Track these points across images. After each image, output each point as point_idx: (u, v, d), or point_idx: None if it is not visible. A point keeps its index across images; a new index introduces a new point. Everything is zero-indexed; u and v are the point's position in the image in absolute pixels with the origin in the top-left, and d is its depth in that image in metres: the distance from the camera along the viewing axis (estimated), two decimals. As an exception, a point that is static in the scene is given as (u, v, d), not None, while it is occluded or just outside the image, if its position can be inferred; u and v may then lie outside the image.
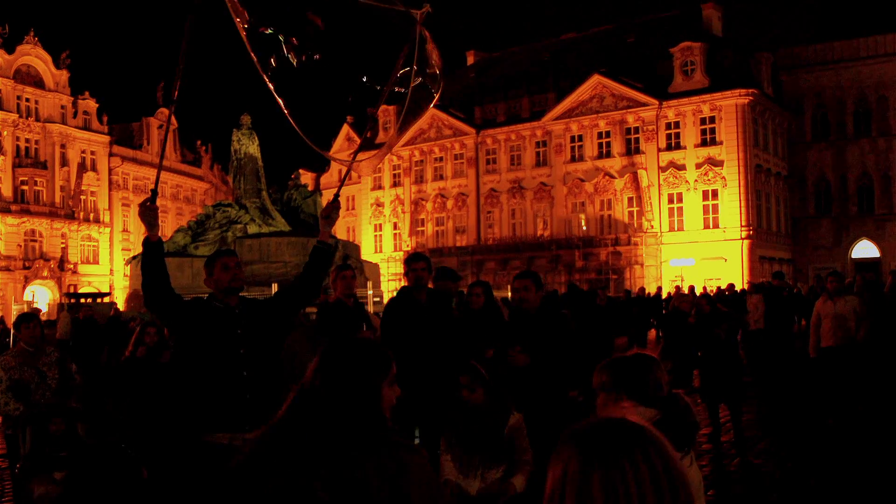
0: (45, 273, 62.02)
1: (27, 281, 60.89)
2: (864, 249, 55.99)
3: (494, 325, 8.35)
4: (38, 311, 26.31)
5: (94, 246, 67.54)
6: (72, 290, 58.11)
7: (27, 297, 57.52)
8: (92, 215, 67.24)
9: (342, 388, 2.61)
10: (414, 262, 7.88)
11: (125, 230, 70.89)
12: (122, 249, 67.82)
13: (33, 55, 63.30)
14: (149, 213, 5.29)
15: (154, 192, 5.28)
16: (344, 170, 71.09)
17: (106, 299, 44.79)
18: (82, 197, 66.07)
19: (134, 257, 36.62)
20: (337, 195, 5.73)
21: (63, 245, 63.96)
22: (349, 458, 2.47)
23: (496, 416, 5.58)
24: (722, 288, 31.60)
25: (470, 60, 72.62)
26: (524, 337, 6.78)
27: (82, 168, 66.05)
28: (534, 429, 5.73)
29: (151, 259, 5.26)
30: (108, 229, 68.65)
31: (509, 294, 29.99)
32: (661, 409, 3.56)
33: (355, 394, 2.61)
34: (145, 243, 5.32)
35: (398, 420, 4.62)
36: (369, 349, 2.79)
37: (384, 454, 2.49)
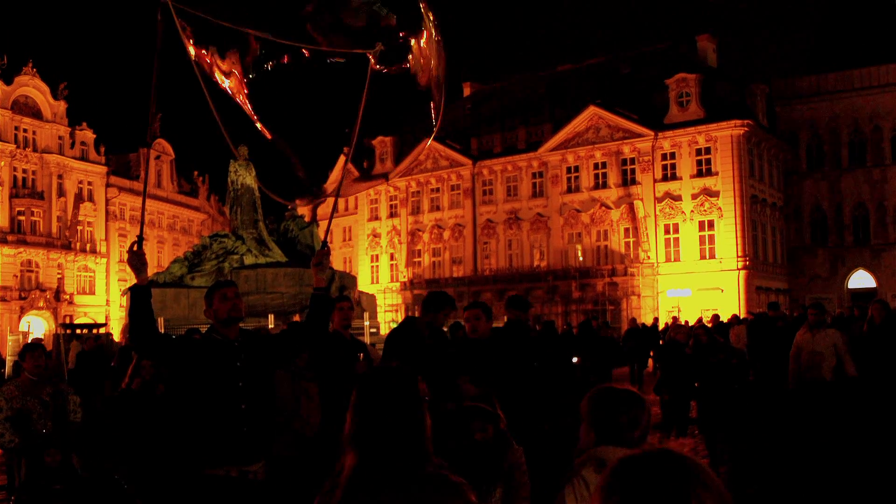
0: (41, 303, 61.90)
1: (23, 311, 60.75)
2: (861, 280, 56.03)
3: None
4: (40, 340, 26.27)
5: (90, 276, 67.45)
6: (68, 320, 57.94)
7: (23, 327, 57.29)
8: (88, 246, 67.20)
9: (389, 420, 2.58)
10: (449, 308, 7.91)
11: (122, 261, 70.71)
12: (119, 280, 67.74)
13: (31, 86, 63.48)
14: (136, 258, 5.33)
15: (140, 238, 5.33)
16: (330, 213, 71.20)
17: (102, 330, 44.68)
18: (79, 227, 66.05)
19: (130, 288, 36.60)
20: (325, 242, 5.81)
21: (59, 275, 63.87)
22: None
23: (498, 450, 5.57)
24: (704, 321, 31.51)
25: (466, 92, 72.88)
26: (474, 366, 6.77)
27: (79, 198, 66.08)
28: None
29: (139, 304, 5.27)
30: (104, 260, 68.58)
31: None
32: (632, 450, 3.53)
33: (400, 425, 2.59)
34: (133, 289, 5.35)
35: None
36: (405, 375, 2.79)
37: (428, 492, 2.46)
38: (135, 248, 5.35)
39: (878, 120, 56.10)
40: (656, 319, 41.42)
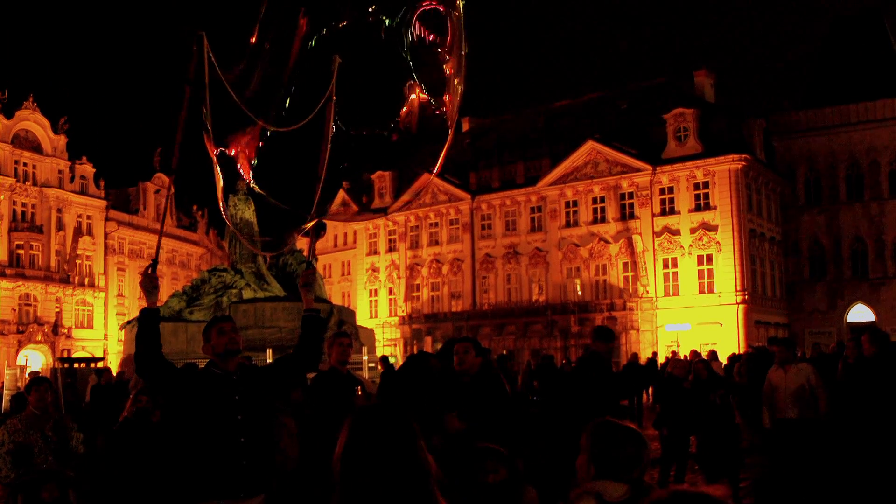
0: (39, 337, 61.78)
1: (20, 345, 60.61)
2: (860, 314, 55.99)
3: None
4: (37, 373, 26.18)
5: (88, 310, 67.36)
6: (65, 354, 57.80)
7: (20, 361, 57.11)
8: (87, 280, 67.16)
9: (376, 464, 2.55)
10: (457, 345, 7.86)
11: (120, 294, 70.79)
12: (117, 314, 67.68)
13: (32, 120, 63.69)
14: (149, 281, 5.38)
15: (155, 261, 5.37)
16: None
17: (99, 364, 44.52)
18: (77, 261, 66.02)
19: (128, 322, 36.46)
20: (309, 261, 5.84)
21: (57, 309, 63.77)
22: None
23: (512, 492, 5.53)
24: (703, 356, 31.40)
25: (465, 127, 73.14)
26: (461, 402, 6.75)
27: (78, 232, 66.10)
28: None
29: (147, 327, 5.30)
30: (102, 294, 68.53)
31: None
32: (632, 488, 3.53)
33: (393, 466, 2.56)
34: (143, 311, 5.38)
35: None
36: (397, 413, 2.74)
37: None
38: (149, 271, 5.39)
39: (875, 154, 56.31)
40: (655, 354, 41.38)
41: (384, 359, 21.00)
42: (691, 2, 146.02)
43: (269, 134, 5.61)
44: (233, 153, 5.62)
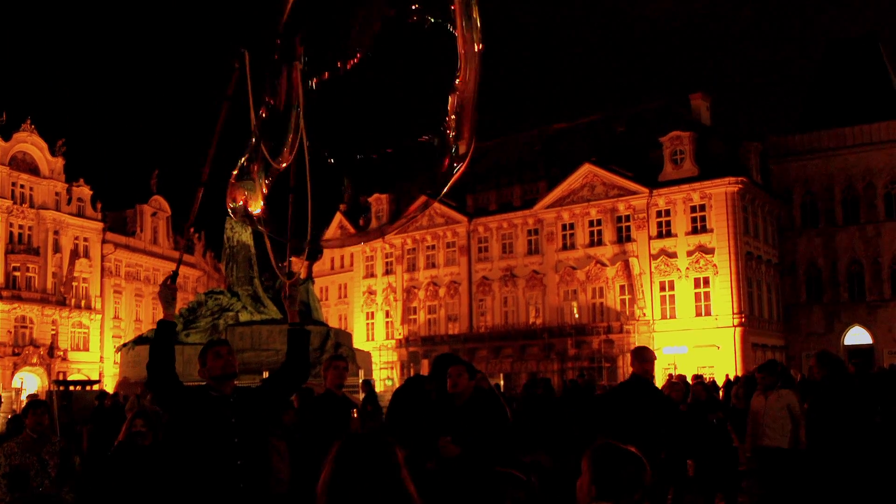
0: (35, 360, 61.62)
1: (16, 367, 60.44)
2: (857, 336, 55.98)
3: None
4: (35, 396, 26.07)
5: (84, 333, 67.23)
6: (61, 377, 57.60)
7: (16, 383, 56.92)
8: (83, 302, 67.08)
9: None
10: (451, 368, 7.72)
11: (116, 317, 70.68)
12: (113, 336, 67.55)
13: (29, 143, 63.76)
14: (168, 291, 5.40)
15: (175, 273, 5.39)
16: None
17: (95, 387, 44.39)
18: (74, 283, 65.93)
19: (124, 345, 36.41)
20: (290, 272, 5.79)
21: (53, 332, 63.65)
22: None
23: None
24: (702, 377, 31.33)
25: (461, 150, 73.30)
26: (455, 426, 6.72)
27: (75, 255, 66.04)
28: None
29: (163, 339, 5.32)
30: (98, 316, 68.42)
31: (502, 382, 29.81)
32: None
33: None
34: (160, 323, 5.42)
35: None
36: (381, 442, 2.73)
37: None
38: (168, 282, 5.41)
39: (870, 177, 56.44)
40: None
41: (366, 383, 20.87)
42: (687, 26, 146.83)
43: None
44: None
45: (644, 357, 8.88)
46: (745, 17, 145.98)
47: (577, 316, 56.38)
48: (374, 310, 68.61)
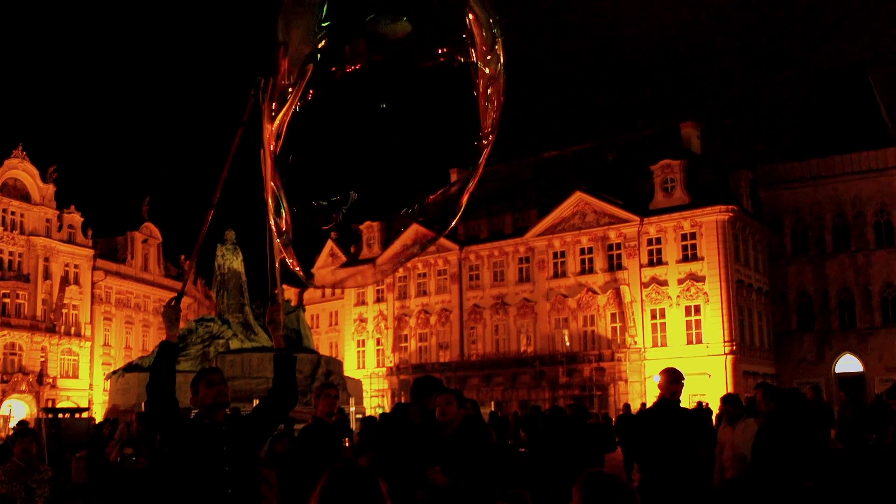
0: (24, 387, 61.25)
1: (4, 395, 60.07)
2: (848, 364, 56.01)
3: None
4: (26, 423, 25.92)
5: (74, 360, 66.90)
6: (50, 404, 57.24)
7: (4, 411, 56.62)
8: (73, 329, 66.78)
9: None
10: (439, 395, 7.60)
11: (106, 344, 70.36)
12: (103, 364, 67.21)
13: (21, 169, 63.67)
14: (172, 312, 5.41)
15: (181, 293, 5.41)
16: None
17: (84, 414, 44.13)
18: (64, 310, 65.67)
19: (114, 372, 36.33)
20: (273, 296, 5.77)
21: (43, 359, 63.33)
22: None
23: None
24: (701, 405, 31.40)
25: (453, 178, 73.39)
26: (444, 455, 6.69)
27: (65, 281, 65.83)
28: None
29: (165, 360, 5.33)
30: (88, 343, 68.12)
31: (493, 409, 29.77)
32: None
33: None
34: (162, 344, 5.43)
35: None
36: (365, 477, 2.74)
37: None
38: (172, 303, 5.43)
39: (860, 206, 56.67)
40: (643, 405, 41.23)
41: (339, 410, 20.69)
42: (678, 54, 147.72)
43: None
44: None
45: (674, 378, 8.67)
46: (736, 47, 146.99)
47: (568, 344, 56.32)
48: (364, 337, 68.44)
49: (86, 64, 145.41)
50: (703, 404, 34.71)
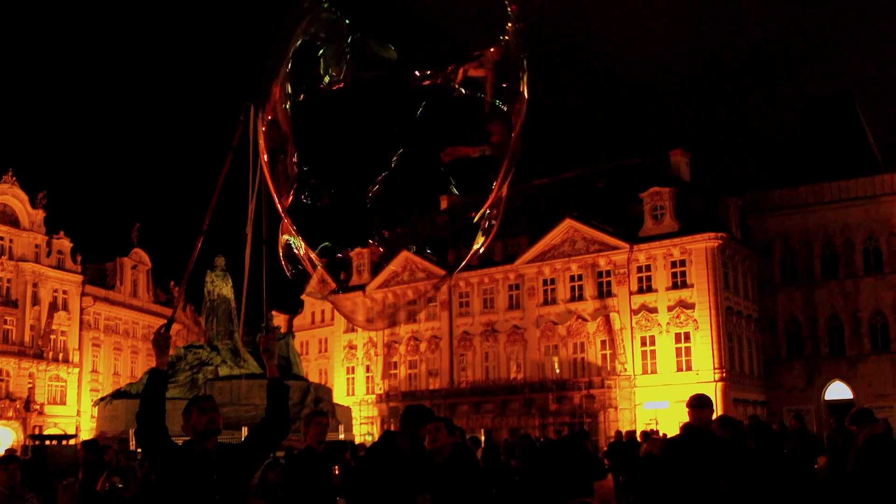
0: (10, 413, 60.81)
1: (-9, 422, 59.67)
2: (838, 391, 56.05)
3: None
4: (13, 451, 25.71)
5: (61, 386, 66.49)
6: (37, 431, 56.89)
7: (-10, 438, 56.25)
8: (61, 355, 66.41)
9: None
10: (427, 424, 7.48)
11: (94, 370, 69.96)
12: (91, 390, 66.82)
13: (10, 195, 63.53)
14: (162, 339, 5.36)
15: (171, 320, 5.39)
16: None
17: (71, 441, 43.84)
18: (52, 336, 65.35)
19: (102, 399, 36.10)
20: (268, 325, 5.76)
21: (30, 385, 62.94)
22: None
23: None
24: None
25: (443, 205, 73.51)
26: (433, 484, 6.64)
27: (53, 307, 65.57)
28: None
29: (155, 389, 5.27)
30: (76, 370, 67.74)
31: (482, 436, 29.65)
32: None
33: None
34: (152, 372, 5.36)
35: None
36: None
37: None
38: (162, 330, 5.37)
39: (848, 233, 56.90)
40: (633, 432, 41.10)
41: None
42: (667, 83, 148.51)
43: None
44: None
45: (699, 403, 8.33)
46: (725, 75, 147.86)
47: (558, 371, 56.23)
48: (354, 364, 68.25)
49: (76, 89, 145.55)
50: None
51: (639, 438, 33.73)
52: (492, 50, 5.06)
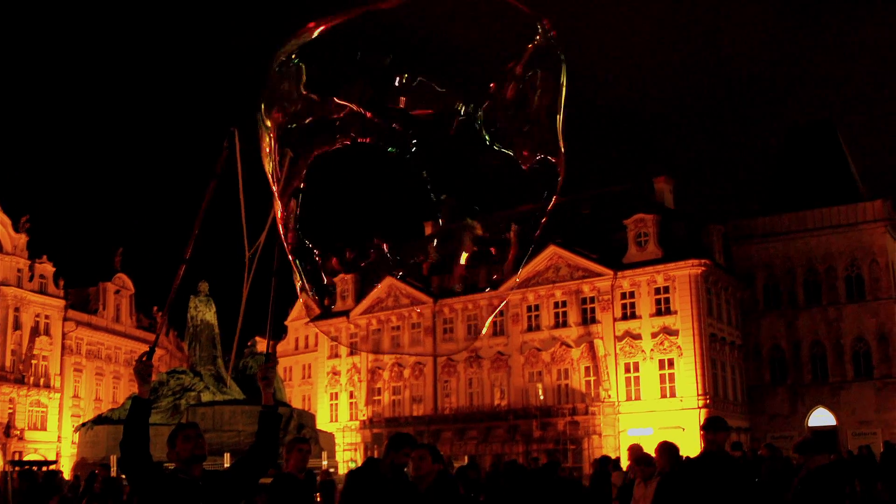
0: (-10, 439, 60.31)
1: (-29, 448, 59.12)
2: (821, 417, 56.14)
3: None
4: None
5: (42, 412, 65.98)
6: (17, 457, 56.38)
7: (-30, 465, 55.71)
8: (42, 380, 65.93)
9: None
10: (408, 447, 7.40)
11: (76, 396, 69.49)
12: (72, 416, 66.34)
13: (-7, 219, 63.30)
14: (144, 368, 5.33)
15: (152, 349, 5.36)
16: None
17: (52, 467, 43.52)
18: (33, 361, 64.92)
19: (83, 424, 35.82)
20: (268, 353, 5.76)
21: (10, 410, 62.41)
22: None
23: None
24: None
25: (427, 231, 73.57)
26: None
27: (35, 332, 65.18)
28: None
29: (138, 417, 5.23)
30: (58, 395, 67.23)
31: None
32: None
33: None
34: (134, 400, 5.33)
35: None
36: None
37: None
38: (144, 358, 5.35)
39: (831, 260, 57.18)
40: (618, 458, 41.03)
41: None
42: (651, 110, 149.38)
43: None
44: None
45: (713, 426, 8.07)
46: (708, 103, 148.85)
47: (542, 397, 56.15)
48: (338, 390, 67.97)
49: (60, 113, 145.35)
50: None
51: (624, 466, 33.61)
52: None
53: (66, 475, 34.18)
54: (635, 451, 9.33)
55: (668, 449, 9.87)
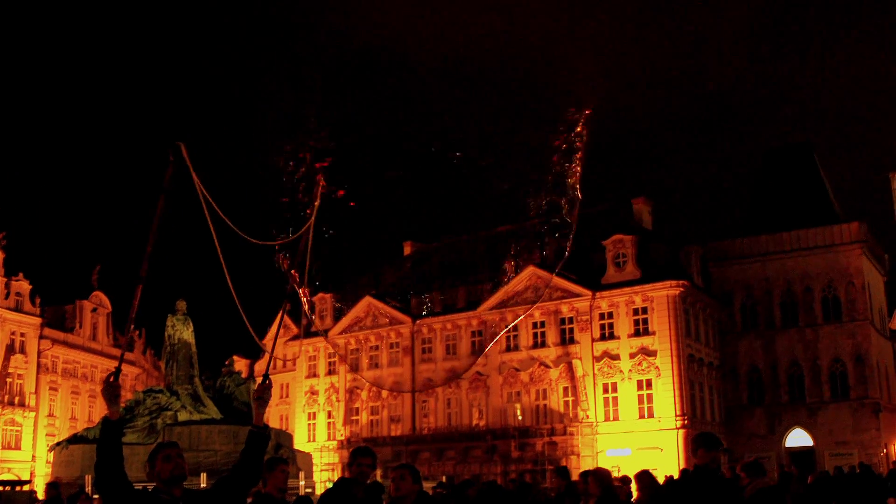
0: (-37, 459, 59.71)
1: (-57, 467, 58.51)
2: (798, 438, 56.37)
3: None
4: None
5: (16, 431, 65.32)
6: (-10, 477, 55.80)
7: (-58, 485, 55.06)
8: (17, 399, 65.28)
9: None
10: (361, 457, 7.41)
11: (51, 415, 68.83)
12: (47, 435, 65.70)
13: (-32, 237, 62.81)
14: (112, 389, 5.27)
15: (118, 370, 5.30)
16: (277, 352, 70.62)
17: (25, 487, 43.13)
18: (8, 380, 64.31)
19: (58, 444, 35.52)
20: (266, 375, 5.74)
21: (-16, 429, 61.82)
22: None
23: None
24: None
25: (407, 251, 73.56)
26: None
27: (10, 350, 64.60)
28: None
29: (109, 439, 5.18)
30: (32, 413, 66.58)
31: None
32: None
33: None
34: (104, 422, 5.27)
35: None
36: None
37: None
38: (111, 379, 5.29)
39: (808, 281, 57.54)
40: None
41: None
42: (629, 132, 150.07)
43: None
44: None
45: (705, 443, 7.83)
46: (686, 125, 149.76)
47: (520, 418, 56.10)
48: (316, 410, 67.68)
49: (35, 130, 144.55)
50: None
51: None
52: None
53: (40, 495, 33.83)
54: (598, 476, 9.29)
55: (602, 475, 9.76)
